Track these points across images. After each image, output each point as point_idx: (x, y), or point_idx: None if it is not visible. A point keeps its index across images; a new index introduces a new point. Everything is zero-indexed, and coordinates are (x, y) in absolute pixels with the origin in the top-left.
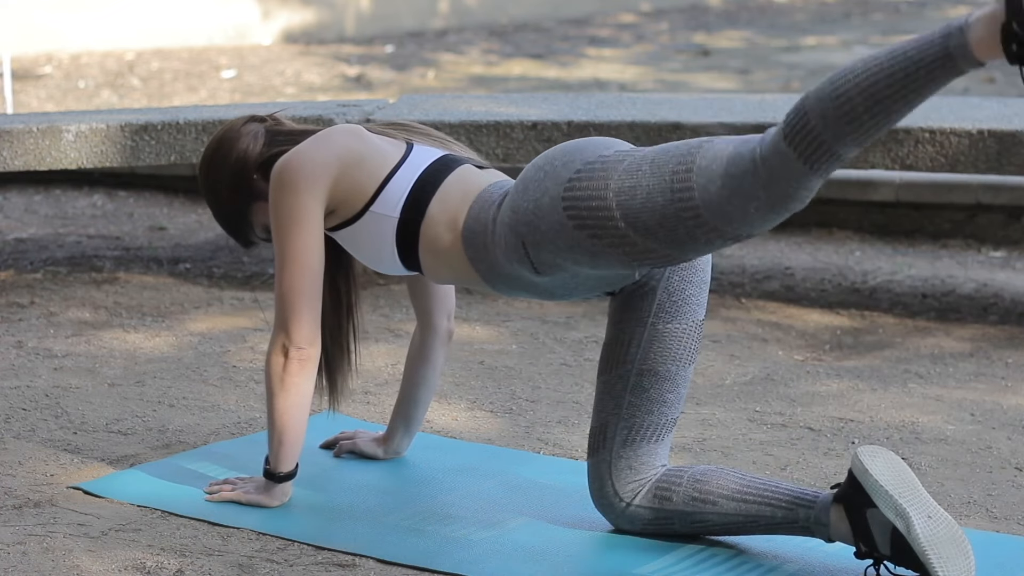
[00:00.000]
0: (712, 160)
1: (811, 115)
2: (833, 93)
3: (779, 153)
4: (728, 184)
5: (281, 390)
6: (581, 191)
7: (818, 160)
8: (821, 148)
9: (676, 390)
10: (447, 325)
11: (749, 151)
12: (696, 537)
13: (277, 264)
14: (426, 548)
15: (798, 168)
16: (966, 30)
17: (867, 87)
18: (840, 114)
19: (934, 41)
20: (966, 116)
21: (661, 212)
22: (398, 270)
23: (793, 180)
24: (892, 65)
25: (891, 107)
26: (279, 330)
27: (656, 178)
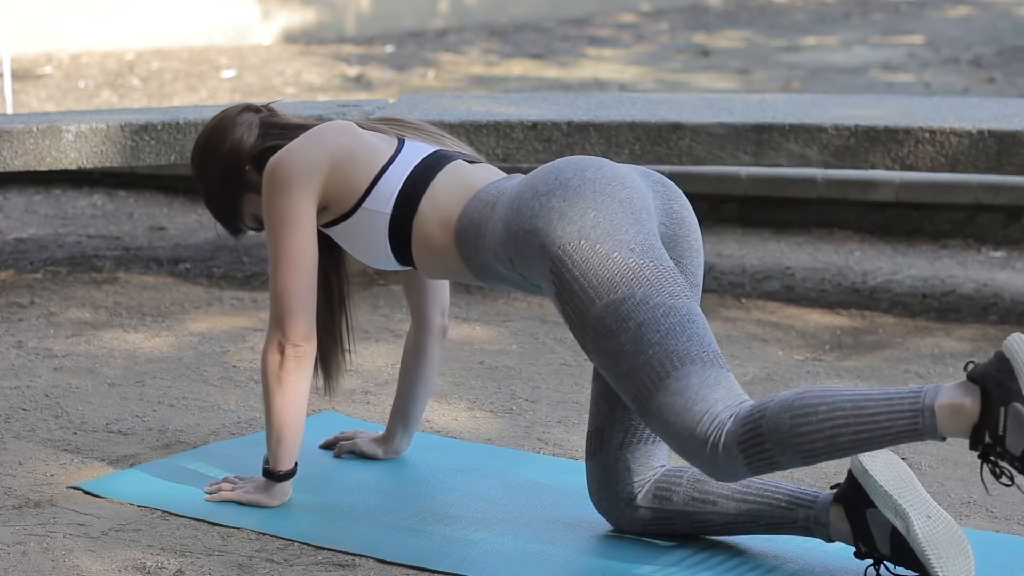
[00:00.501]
0: (679, 394)
1: (768, 440)
2: (794, 430)
3: (730, 453)
4: (677, 429)
5: (278, 388)
6: (570, 275)
7: (762, 469)
8: (771, 464)
9: None
10: (441, 321)
11: (708, 424)
12: (696, 537)
13: (272, 263)
14: (426, 548)
15: (741, 469)
16: (936, 414)
17: (830, 436)
18: (799, 450)
19: (904, 413)
20: (966, 116)
21: (619, 375)
22: (392, 265)
23: (731, 472)
24: (858, 424)
25: (849, 452)
26: (275, 328)
27: (634, 348)
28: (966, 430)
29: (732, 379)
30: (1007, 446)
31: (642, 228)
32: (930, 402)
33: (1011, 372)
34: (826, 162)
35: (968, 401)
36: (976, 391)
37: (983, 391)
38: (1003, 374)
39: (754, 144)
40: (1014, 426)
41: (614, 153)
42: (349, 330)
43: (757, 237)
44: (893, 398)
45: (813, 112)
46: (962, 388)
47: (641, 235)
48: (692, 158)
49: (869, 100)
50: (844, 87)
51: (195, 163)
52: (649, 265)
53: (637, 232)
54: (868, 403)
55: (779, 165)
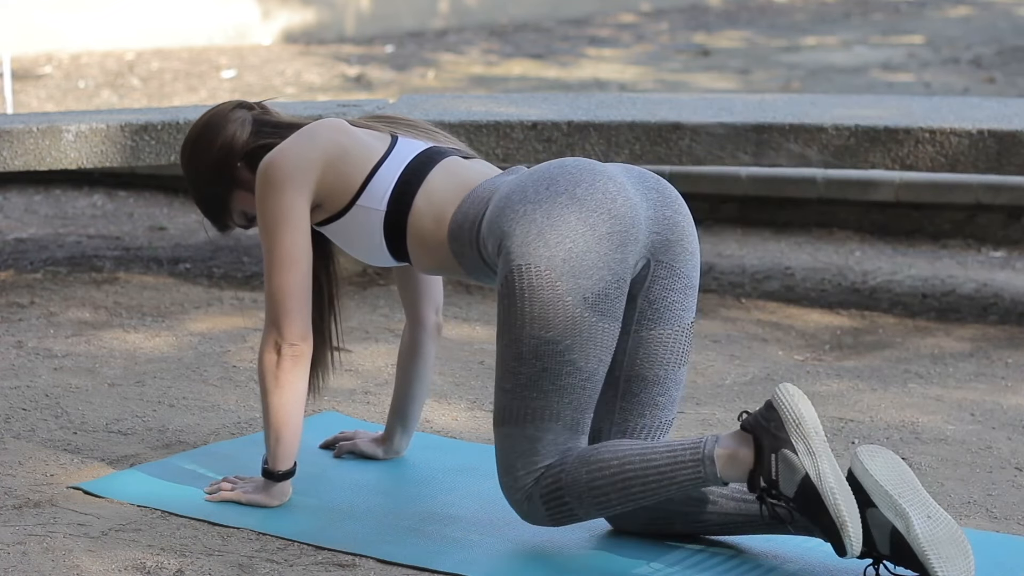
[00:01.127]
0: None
1: (567, 493)
2: (589, 484)
3: (533, 504)
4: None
5: (276, 387)
6: (518, 289)
7: (562, 521)
8: (570, 516)
9: (667, 393)
10: (435, 319)
11: (526, 479)
12: (696, 537)
13: (266, 263)
14: (426, 548)
15: (542, 519)
16: (716, 462)
17: (622, 488)
18: (595, 503)
19: (686, 464)
20: (966, 116)
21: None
22: (388, 261)
23: (534, 519)
24: (646, 474)
25: (642, 502)
26: (271, 328)
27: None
28: (743, 475)
29: (582, 445)
30: (781, 489)
31: (610, 271)
32: (709, 451)
33: (779, 421)
34: (826, 162)
35: (743, 450)
36: (750, 439)
37: (755, 439)
38: (771, 423)
39: (754, 144)
40: (784, 471)
41: (614, 153)
42: (338, 330)
43: (757, 237)
44: (676, 450)
45: (813, 112)
46: (737, 437)
47: (604, 281)
48: (692, 158)
49: (869, 100)
50: (844, 87)
51: (185, 158)
52: (590, 320)
53: (602, 277)
54: (655, 456)
55: (779, 165)
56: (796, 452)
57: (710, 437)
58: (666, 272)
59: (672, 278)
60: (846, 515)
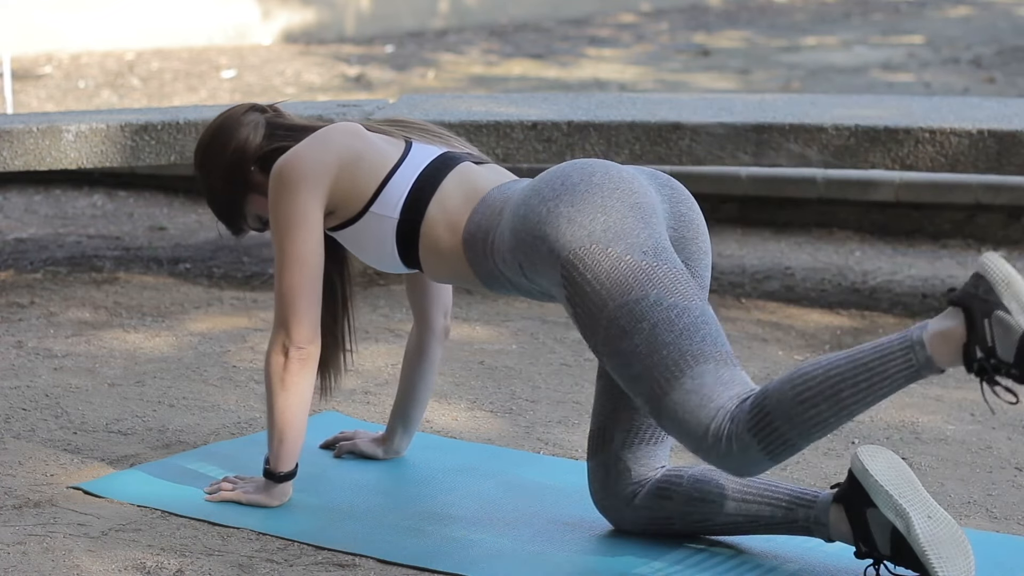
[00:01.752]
0: (693, 392)
1: (775, 416)
2: (797, 399)
3: (743, 441)
4: (692, 426)
5: (281, 389)
6: (582, 279)
7: (779, 452)
8: (786, 444)
9: None
10: (443, 323)
11: (722, 418)
12: (696, 537)
13: (277, 264)
14: (426, 548)
15: (758, 457)
16: (927, 345)
17: (832, 396)
18: (806, 418)
19: (896, 353)
20: (966, 116)
21: (634, 377)
22: (399, 268)
23: (749, 462)
24: (856, 375)
25: (857, 409)
26: (279, 329)
27: (648, 348)
28: (958, 351)
29: (745, 377)
30: (999, 355)
31: (652, 231)
32: (918, 337)
33: (988, 286)
34: (826, 162)
35: (953, 323)
36: (959, 312)
37: (965, 310)
38: (980, 289)
39: (754, 144)
40: (1000, 334)
41: (614, 153)
42: (351, 333)
43: (757, 237)
44: (883, 344)
45: (813, 112)
46: (946, 315)
47: (652, 238)
48: (692, 158)
49: (869, 100)
50: (844, 87)
51: (198, 162)
52: (662, 267)
53: (648, 235)
54: (861, 354)
55: (779, 165)
56: (1009, 312)
57: (916, 325)
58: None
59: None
60: None
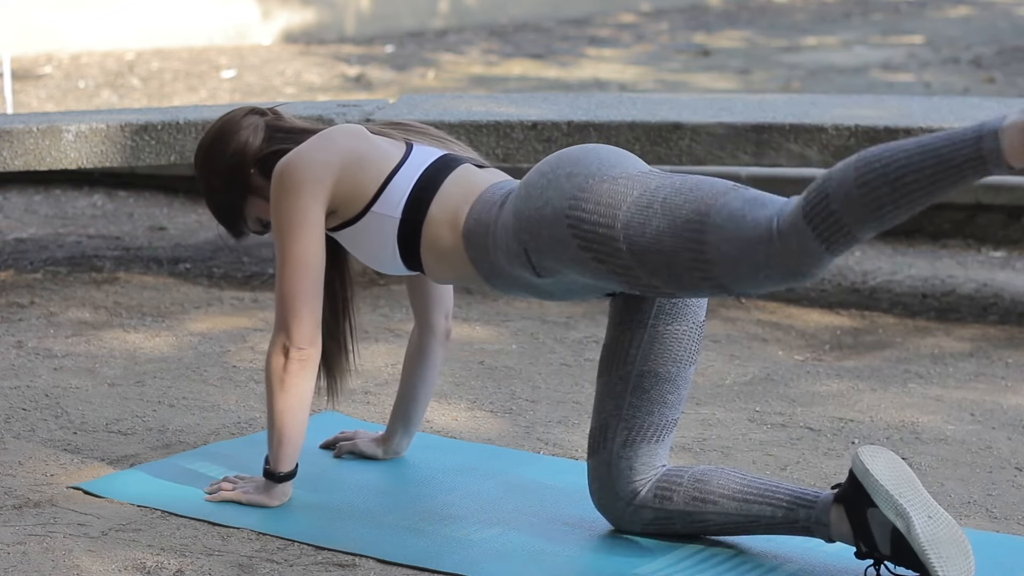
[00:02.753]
0: (727, 219)
1: (833, 199)
2: (858, 180)
3: (798, 231)
4: (742, 248)
5: (281, 390)
6: (587, 213)
7: (836, 242)
8: (841, 231)
9: (677, 391)
10: (445, 324)
11: (766, 220)
12: (696, 537)
13: (278, 265)
14: (426, 548)
15: (815, 247)
16: (1000, 135)
17: (894, 179)
18: (865, 202)
19: (966, 140)
20: (966, 116)
21: (670, 257)
22: (400, 270)
23: (807, 257)
24: (922, 161)
25: (917, 200)
26: (279, 330)
27: (667, 220)
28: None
29: (770, 194)
30: None
31: (645, 167)
32: (993, 127)
33: None
34: (826, 162)
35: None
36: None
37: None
38: None
39: (754, 144)
40: None
41: None
42: (353, 335)
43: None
44: (955, 132)
45: (813, 112)
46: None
47: (644, 167)
48: (692, 158)
49: (869, 100)
50: (844, 87)
51: (198, 165)
52: (657, 172)
53: (643, 164)
54: (932, 140)
55: (779, 165)
56: None
57: (996, 116)
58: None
59: None
60: None
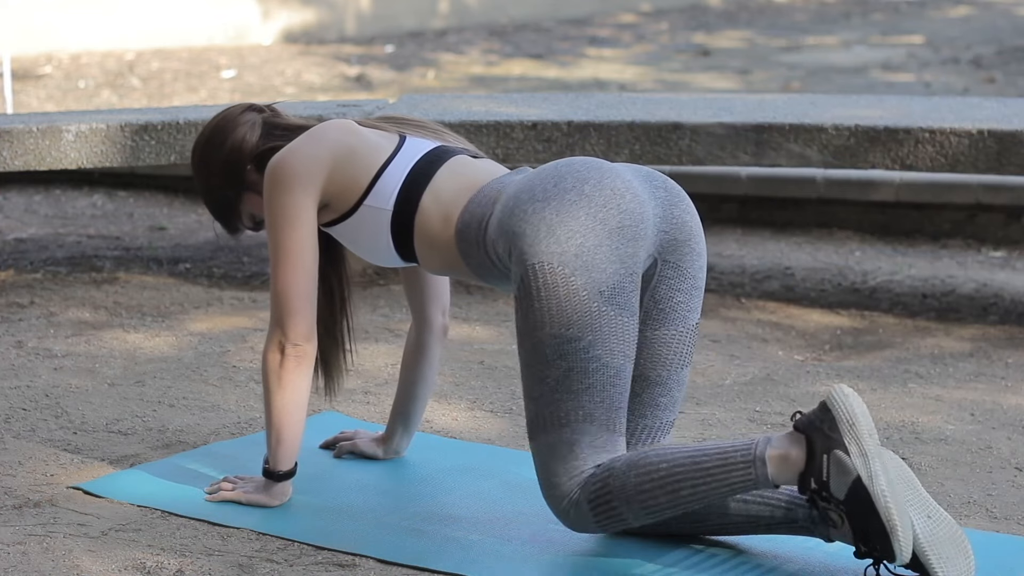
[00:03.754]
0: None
1: (614, 497)
2: (638, 487)
3: (580, 510)
4: (549, 472)
5: (278, 388)
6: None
7: (609, 526)
8: (618, 520)
9: (669, 394)
10: (442, 320)
11: (571, 485)
12: (696, 537)
13: (272, 262)
14: (426, 548)
15: (590, 525)
16: (768, 463)
17: (671, 491)
18: (642, 506)
19: (736, 465)
20: (966, 116)
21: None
22: (396, 262)
23: (580, 526)
24: (696, 477)
25: (692, 505)
26: (275, 327)
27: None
28: (795, 477)
29: (621, 445)
30: (831, 490)
31: (623, 264)
32: (761, 453)
33: (832, 421)
34: (826, 162)
35: (795, 450)
36: (802, 440)
37: (807, 440)
38: (825, 424)
39: (754, 144)
40: (836, 472)
41: (614, 153)
42: (350, 331)
43: (757, 237)
44: (728, 452)
45: (813, 112)
46: (790, 438)
47: (618, 275)
48: (692, 158)
49: (869, 100)
50: (844, 87)
51: (195, 161)
52: (609, 314)
53: (615, 271)
54: (705, 459)
55: (779, 165)
56: (848, 453)
57: (762, 438)
58: (673, 272)
59: (679, 278)
60: (896, 519)
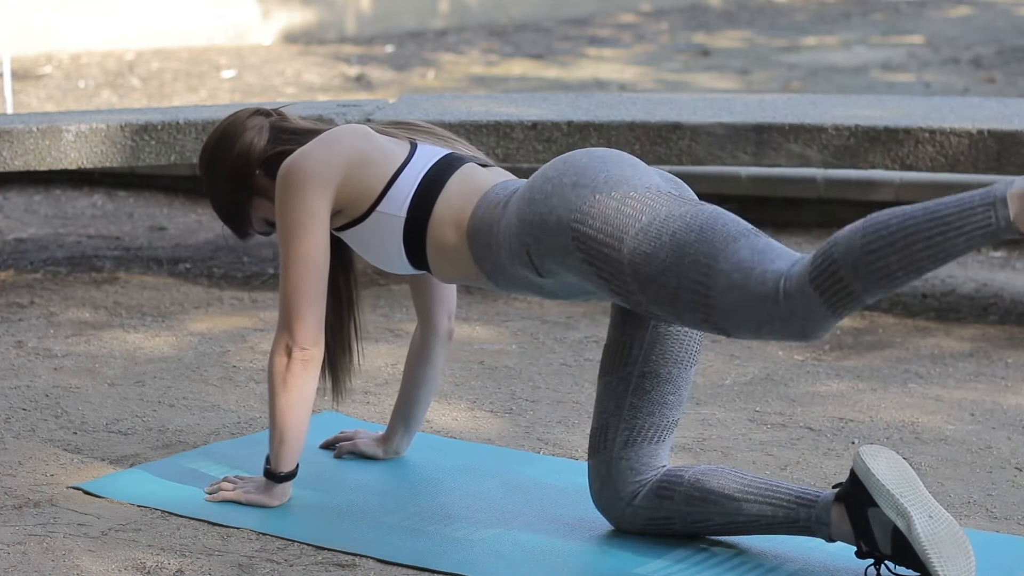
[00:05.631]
0: (735, 268)
1: (841, 264)
2: (866, 247)
3: (804, 294)
4: (746, 302)
5: (283, 390)
6: (593, 230)
7: (842, 306)
8: (849, 296)
9: (677, 392)
10: (448, 325)
11: (774, 278)
12: (696, 537)
13: (283, 265)
14: (426, 548)
15: (820, 311)
16: (1009, 202)
17: (903, 247)
18: (873, 269)
19: (975, 209)
20: (966, 116)
21: (673, 292)
22: (406, 269)
23: (812, 320)
24: (931, 229)
25: (925, 266)
26: (283, 330)
27: (675, 256)
28: None
29: (778, 244)
30: None
31: (651, 179)
32: (1001, 193)
33: None
34: (826, 162)
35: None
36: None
37: None
38: None
39: (754, 144)
40: None
41: None
42: (358, 336)
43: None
44: (964, 198)
45: (813, 112)
46: None
47: (651, 179)
48: (692, 158)
49: (869, 100)
50: (844, 87)
51: (203, 166)
52: (666, 193)
53: (647, 179)
54: (939, 207)
55: (779, 165)
56: None
57: (1002, 181)
58: None
59: None
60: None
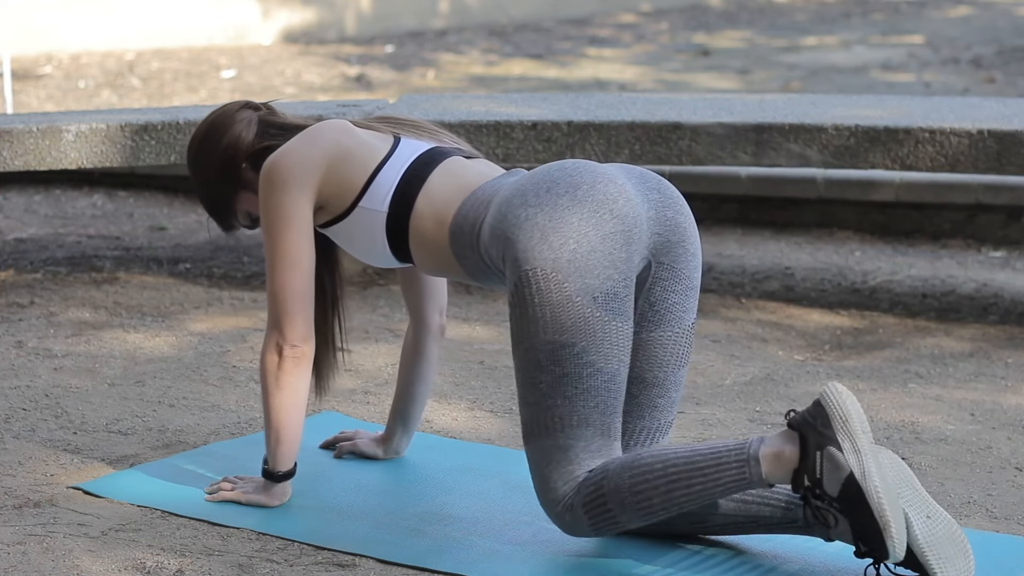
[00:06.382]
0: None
1: (609, 499)
2: (633, 488)
3: (575, 514)
4: (544, 476)
5: (277, 389)
6: (528, 296)
7: (605, 529)
8: (613, 524)
9: (667, 395)
10: (439, 320)
11: (565, 490)
12: (696, 537)
13: (268, 263)
14: (426, 548)
15: (584, 528)
16: (761, 461)
17: (665, 492)
18: (637, 507)
19: (730, 464)
20: (966, 116)
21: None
22: (392, 263)
23: (575, 529)
24: (690, 478)
25: (685, 506)
26: (272, 329)
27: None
28: (788, 475)
29: (616, 449)
30: (825, 488)
31: (616, 269)
32: (754, 452)
33: (826, 418)
34: (826, 162)
35: (788, 448)
36: (795, 437)
37: (801, 437)
38: (818, 420)
39: (754, 144)
40: (829, 469)
41: (614, 153)
42: (342, 332)
43: (757, 237)
44: (721, 452)
45: (813, 112)
46: (783, 436)
47: (612, 280)
48: (692, 158)
49: (869, 100)
50: (844, 87)
51: (191, 158)
52: (603, 319)
53: (609, 276)
54: (698, 458)
55: (779, 165)
56: (842, 450)
57: (755, 438)
58: (667, 273)
59: (673, 279)
60: (890, 516)
